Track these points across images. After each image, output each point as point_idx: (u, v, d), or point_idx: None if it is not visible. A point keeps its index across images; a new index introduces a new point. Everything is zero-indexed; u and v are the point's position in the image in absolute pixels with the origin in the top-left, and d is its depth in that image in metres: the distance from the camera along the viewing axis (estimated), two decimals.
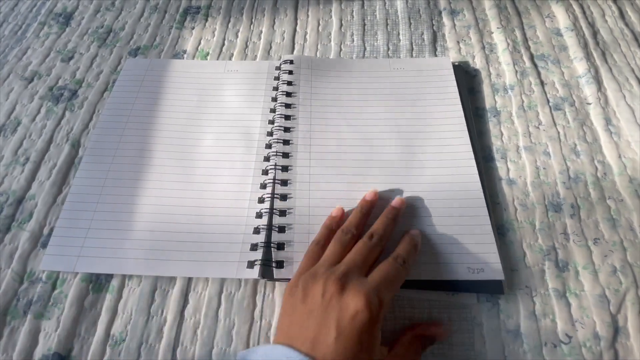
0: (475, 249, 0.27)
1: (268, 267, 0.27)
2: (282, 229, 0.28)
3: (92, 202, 0.30)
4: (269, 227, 0.28)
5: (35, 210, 0.30)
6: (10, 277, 0.28)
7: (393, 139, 0.33)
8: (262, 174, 0.31)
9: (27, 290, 0.27)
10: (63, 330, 0.26)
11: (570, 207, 0.30)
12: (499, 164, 0.32)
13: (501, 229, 0.29)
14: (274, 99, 0.36)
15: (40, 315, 0.26)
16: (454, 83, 0.36)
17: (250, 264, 0.27)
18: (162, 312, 0.27)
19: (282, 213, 0.29)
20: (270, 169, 0.31)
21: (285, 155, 0.32)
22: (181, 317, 0.26)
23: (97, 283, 0.28)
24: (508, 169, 0.32)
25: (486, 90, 0.36)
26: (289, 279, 0.26)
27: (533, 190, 0.31)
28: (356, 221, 0.27)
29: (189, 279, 0.28)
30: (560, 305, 0.26)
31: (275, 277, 0.27)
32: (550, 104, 0.35)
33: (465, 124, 0.33)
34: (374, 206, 0.28)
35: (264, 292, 0.27)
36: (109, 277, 0.28)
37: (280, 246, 0.28)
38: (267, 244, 0.28)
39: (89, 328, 0.26)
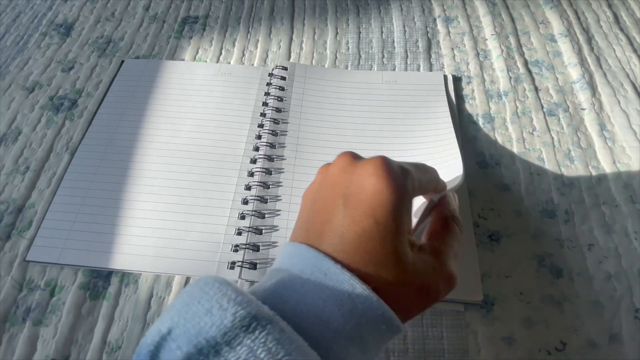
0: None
1: (247, 270, 0.27)
2: (259, 231, 0.29)
3: (79, 196, 0.31)
4: (251, 229, 0.29)
5: (35, 219, 0.31)
6: (10, 285, 0.28)
7: (379, 151, 0.33)
8: (248, 176, 0.32)
9: (26, 297, 0.28)
10: (61, 337, 0.26)
11: (564, 213, 0.30)
12: (493, 170, 0.32)
13: (495, 235, 0.29)
14: (265, 104, 0.36)
15: (38, 322, 0.27)
16: (445, 98, 0.36)
17: (231, 265, 0.28)
18: None
19: (262, 215, 0.30)
20: (257, 171, 0.32)
21: (271, 159, 0.33)
22: None
23: (94, 290, 0.28)
24: (502, 175, 0.32)
25: (480, 96, 0.36)
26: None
27: (527, 196, 0.31)
28: None
29: (185, 286, 0.28)
30: (555, 312, 0.26)
31: (244, 277, 0.27)
32: (544, 109, 0.35)
33: (455, 139, 0.33)
34: None
35: None
36: (106, 284, 0.28)
37: (256, 248, 0.28)
38: (248, 245, 0.28)
39: (85, 335, 0.26)
